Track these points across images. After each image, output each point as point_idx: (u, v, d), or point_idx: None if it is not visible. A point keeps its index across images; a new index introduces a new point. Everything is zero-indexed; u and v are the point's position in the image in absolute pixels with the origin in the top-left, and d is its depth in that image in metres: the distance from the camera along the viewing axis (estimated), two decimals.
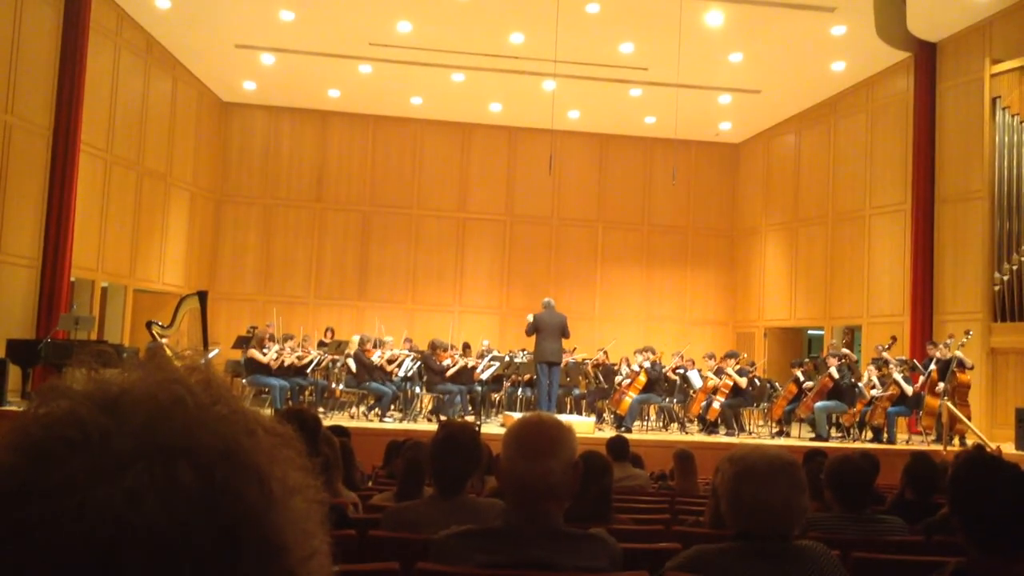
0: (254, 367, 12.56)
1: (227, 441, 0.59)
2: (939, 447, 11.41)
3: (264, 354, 12.58)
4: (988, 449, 9.62)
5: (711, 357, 13.57)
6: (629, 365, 13.64)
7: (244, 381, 12.83)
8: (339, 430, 6.46)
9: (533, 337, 12.58)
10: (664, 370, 13.41)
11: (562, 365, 13.00)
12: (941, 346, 12.64)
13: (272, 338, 13.32)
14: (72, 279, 13.20)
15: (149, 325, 12.24)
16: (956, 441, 11.94)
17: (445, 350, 13.31)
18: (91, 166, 13.74)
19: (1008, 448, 11.07)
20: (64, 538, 0.52)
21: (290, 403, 12.15)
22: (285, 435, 0.65)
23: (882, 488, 6.44)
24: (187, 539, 0.54)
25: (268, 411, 11.16)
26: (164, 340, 12.04)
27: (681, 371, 13.57)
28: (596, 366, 14.34)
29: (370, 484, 6.12)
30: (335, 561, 0.68)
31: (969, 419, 11.97)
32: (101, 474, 0.54)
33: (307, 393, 13.58)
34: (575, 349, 14.74)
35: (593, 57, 15.11)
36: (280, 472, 0.61)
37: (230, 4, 13.92)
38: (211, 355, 13.00)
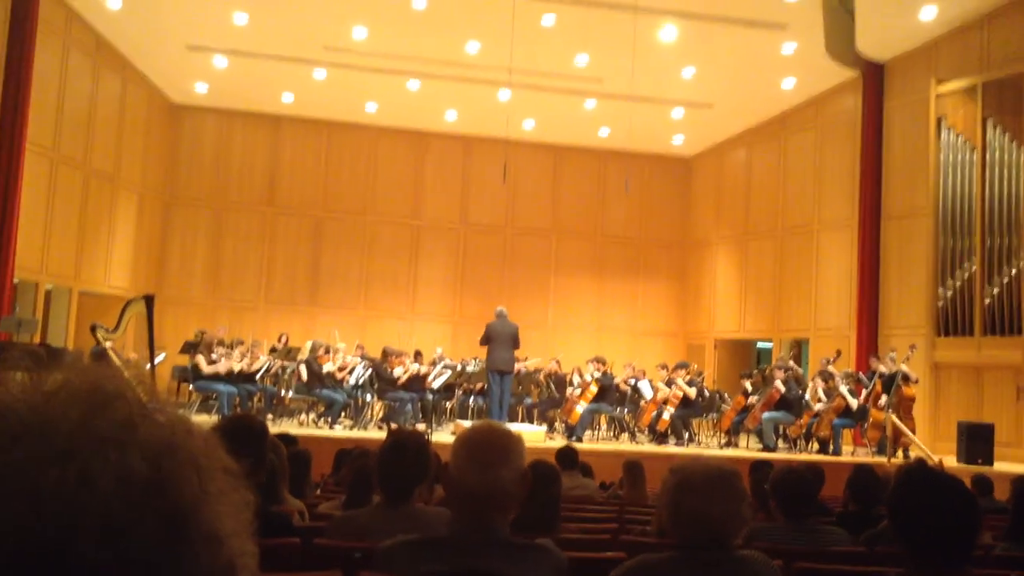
0: (201, 373, 12.39)
1: (169, 437, 0.61)
2: (883, 459, 11.60)
3: (214, 360, 12.40)
4: (930, 462, 9.81)
5: (663, 368, 13.65)
6: (581, 375, 13.68)
7: (191, 387, 12.63)
8: (288, 438, 6.39)
9: (486, 346, 12.59)
10: (615, 380, 13.47)
11: (514, 374, 13.01)
12: (886, 359, 12.88)
13: (222, 343, 13.12)
14: (15, 280, 12.90)
15: (93, 328, 11.93)
16: (900, 454, 12.15)
17: (397, 357, 13.24)
18: (36, 165, 13.44)
19: (950, 461, 11.30)
20: (18, 519, 0.53)
21: (238, 409, 11.98)
22: (214, 440, 0.67)
23: (828, 499, 6.53)
24: (138, 523, 0.55)
25: (215, 417, 11.00)
26: (109, 344, 11.78)
27: (632, 381, 13.65)
28: (548, 376, 14.36)
29: (318, 493, 6.06)
30: (279, 568, 0.71)
31: (913, 432, 12.19)
32: (48, 459, 0.55)
33: (256, 399, 13.43)
34: (527, 358, 14.74)
35: (548, 68, 15.18)
36: (212, 472, 0.63)
37: (183, 5, 13.73)
38: (158, 360, 12.77)
